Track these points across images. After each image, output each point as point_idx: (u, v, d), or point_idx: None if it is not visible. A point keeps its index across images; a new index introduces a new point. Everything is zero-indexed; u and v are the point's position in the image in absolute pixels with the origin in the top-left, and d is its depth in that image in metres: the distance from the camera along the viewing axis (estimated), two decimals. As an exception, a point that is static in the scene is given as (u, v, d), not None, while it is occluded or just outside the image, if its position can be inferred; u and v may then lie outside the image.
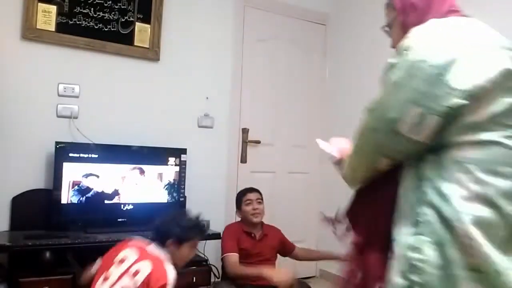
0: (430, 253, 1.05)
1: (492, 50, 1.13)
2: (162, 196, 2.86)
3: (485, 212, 1.03)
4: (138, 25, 2.99)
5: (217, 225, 3.13)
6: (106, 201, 2.69)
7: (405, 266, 1.07)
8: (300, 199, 3.64)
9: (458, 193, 1.05)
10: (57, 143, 2.58)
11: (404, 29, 1.20)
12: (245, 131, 3.46)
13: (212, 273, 2.86)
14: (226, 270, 2.58)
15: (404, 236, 1.10)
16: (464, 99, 1.04)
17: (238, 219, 2.85)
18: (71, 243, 2.39)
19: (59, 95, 2.77)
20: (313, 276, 3.69)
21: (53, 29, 2.72)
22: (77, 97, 2.82)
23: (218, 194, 3.30)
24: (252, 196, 2.72)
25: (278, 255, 2.78)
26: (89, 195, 2.63)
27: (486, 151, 1.06)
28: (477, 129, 1.07)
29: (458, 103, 1.04)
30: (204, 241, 2.99)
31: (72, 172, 2.59)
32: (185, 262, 2.00)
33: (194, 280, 2.70)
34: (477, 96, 1.05)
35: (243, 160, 3.45)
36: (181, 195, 2.93)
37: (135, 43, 2.98)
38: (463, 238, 1.03)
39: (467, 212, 1.03)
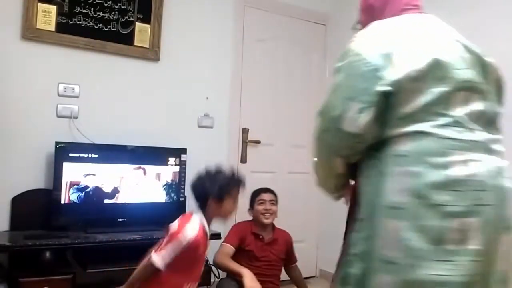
0: (360, 248, 1.15)
1: (427, 42, 1.19)
2: (162, 196, 2.86)
3: (413, 204, 1.08)
4: (138, 25, 2.99)
5: (217, 225, 3.13)
6: (106, 201, 2.69)
7: (345, 260, 1.19)
8: (300, 199, 3.64)
9: (391, 187, 1.11)
10: (57, 143, 2.58)
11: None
12: (245, 131, 3.46)
13: (212, 273, 2.85)
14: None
15: (350, 234, 1.21)
16: (391, 87, 1.11)
17: (239, 218, 2.85)
18: (71, 243, 2.39)
19: (59, 95, 2.77)
20: (313, 276, 3.70)
21: (53, 29, 2.72)
22: (77, 97, 2.82)
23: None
24: (266, 196, 2.71)
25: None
26: (89, 195, 2.63)
27: (418, 143, 1.11)
28: (409, 120, 1.13)
29: (386, 90, 1.12)
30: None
31: (72, 172, 2.59)
32: (231, 214, 2.04)
33: (194, 280, 2.70)
34: (407, 86, 1.12)
35: (243, 160, 3.45)
36: (181, 195, 2.93)
37: (135, 43, 2.98)
38: (388, 231, 1.09)
39: (395, 205, 1.09)
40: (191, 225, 1.84)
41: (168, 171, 2.89)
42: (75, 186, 2.60)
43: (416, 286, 1.06)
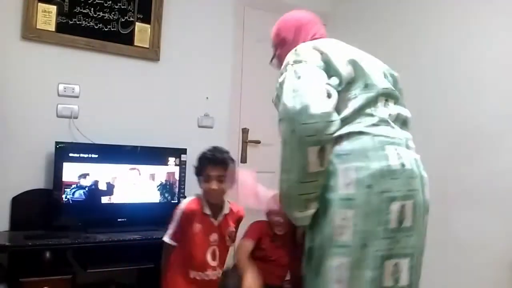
0: (317, 239, 1.32)
1: (350, 54, 1.43)
2: (162, 196, 2.86)
3: (361, 193, 1.25)
4: (138, 25, 2.99)
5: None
6: (106, 201, 2.69)
7: (307, 251, 1.36)
8: (300, 199, 3.64)
9: (340, 182, 1.27)
10: (57, 143, 2.58)
11: (282, 59, 1.49)
12: (245, 131, 3.46)
13: (212, 273, 2.85)
14: (236, 253, 2.48)
15: (307, 228, 1.37)
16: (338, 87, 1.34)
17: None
18: (71, 243, 2.39)
19: (59, 95, 2.77)
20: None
21: (53, 29, 2.72)
22: (77, 97, 2.81)
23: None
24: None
25: None
26: (89, 195, 2.63)
27: (357, 141, 1.30)
28: (345, 123, 1.31)
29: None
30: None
31: (72, 172, 2.59)
32: (210, 195, 2.01)
33: (194, 280, 2.70)
34: (343, 91, 1.34)
35: (243, 160, 3.45)
36: (181, 195, 2.92)
37: (135, 43, 2.98)
38: (341, 220, 1.26)
39: (346, 197, 1.26)
40: (185, 200, 2.04)
41: (168, 171, 2.89)
42: (75, 186, 2.60)
43: (366, 262, 1.25)
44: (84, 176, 2.62)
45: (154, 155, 2.86)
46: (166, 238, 2.01)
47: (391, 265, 1.27)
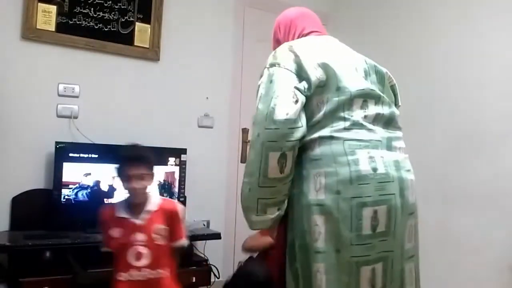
0: (297, 244, 1.30)
1: (325, 57, 1.37)
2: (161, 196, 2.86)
3: (331, 199, 1.24)
4: (138, 25, 2.99)
5: (217, 225, 3.14)
6: (106, 201, 2.69)
7: (288, 257, 1.34)
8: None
9: (311, 187, 1.27)
10: (57, 143, 2.58)
11: None
12: (245, 131, 3.45)
13: (212, 273, 2.85)
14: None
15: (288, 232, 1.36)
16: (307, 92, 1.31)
17: (240, 218, 2.84)
18: (71, 243, 2.39)
19: (59, 95, 2.77)
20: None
21: (53, 29, 2.72)
22: (77, 97, 2.81)
23: (218, 194, 3.30)
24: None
25: None
26: (89, 195, 2.63)
27: (327, 146, 1.28)
28: (316, 127, 1.30)
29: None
30: (204, 241, 3.00)
31: (72, 172, 2.59)
32: (131, 195, 1.92)
33: (194, 280, 2.70)
34: (314, 94, 1.31)
35: (243, 160, 3.44)
36: (181, 195, 2.93)
37: (135, 43, 2.98)
38: (315, 226, 1.25)
39: (317, 203, 1.25)
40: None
41: (167, 171, 2.89)
42: (78, 186, 2.60)
43: (342, 268, 1.24)
44: (84, 176, 2.63)
45: (154, 155, 2.85)
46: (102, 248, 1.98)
47: (368, 271, 1.25)
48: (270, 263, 1.51)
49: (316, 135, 1.30)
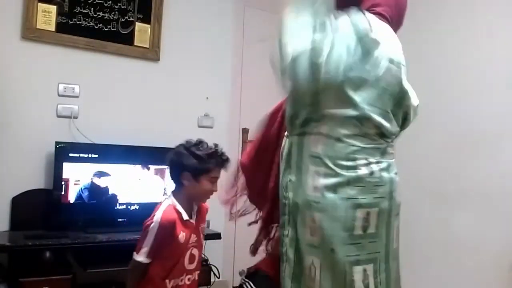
0: (288, 230, 1.35)
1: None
2: (161, 196, 2.86)
3: (328, 198, 1.26)
4: (138, 25, 2.99)
5: (217, 225, 3.13)
6: (106, 201, 2.69)
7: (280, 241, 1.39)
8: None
9: (310, 184, 1.30)
10: (57, 143, 2.58)
11: None
12: (245, 131, 3.45)
13: (212, 273, 2.86)
14: None
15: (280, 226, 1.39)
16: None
17: (240, 218, 2.83)
18: (71, 243, 2.39)
19: (59, 95, 2.77)
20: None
21: (53, 29, 2.72)
22: (77, 97, 2.81)
23: (218, 194, 3.29)
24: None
25: None
26: (89, 195, 2.63)
27: (330, 147, 1.29)
28: (326, 122, 1.30)
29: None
30: (204, 241, 2.99)
31: (72, 172, 2.59)
32: (206, 197, 1.85)
33: (194, 280, 2.70)
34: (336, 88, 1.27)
35: (243, 160, 3.45)
36: (181, 195, 2.92)
37: (135, 43, 2.98)
38: (311, 221, 1.28)
39: (315, 199, 1.28)
40: (160, 209, 1.74)
41: (167, 171, 2.88)
42: (75, 186, 2.60)
43: (336, 266, 1.26)
44: (84, 176, 2.63)
45: (154, 155, 2.86)
46: (141, 258, 1.69)
47: (360, 271, 1.28)
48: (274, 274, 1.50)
49: (321, 130, 1.31)
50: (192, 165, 1.74)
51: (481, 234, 2.61)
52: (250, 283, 1.62)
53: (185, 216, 1.76)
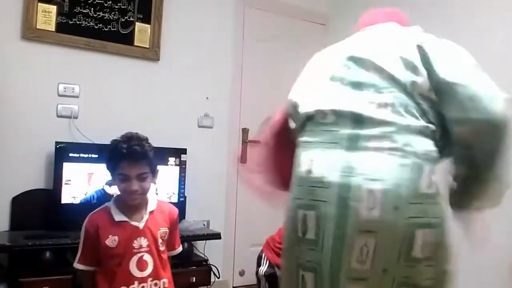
0: None
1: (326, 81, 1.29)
2: (161, 196, 2.86)
3: (288, 198, 1.27)
4: (138, 25, 2.99)
5: (217, 225, 3.14)
6: (105, 201, 2.68)
7: None
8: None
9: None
10: (57, 143, 2.58)
11: None
12: (245, 131, 3.46)
13: (212, 273, 2.86)
14: None
15: None
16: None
17: (240, 218, 2.83)
18: (71, 243, 2.38)
19: (59, 95, 2.77)
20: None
21: (53, 29, 2.72)
22: (77, 97, 2.81)
23: (218, 194, 3.30)
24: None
25: None
26: (89, 195, 2.63)
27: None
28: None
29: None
30: (204, 241, 3.00)
31: (72, 172, 2.59)
32: (128, 197, 1.66)
33: (194, 280, 2.70)
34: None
35: (243, 160, 3.44)
36: (181, 195, 2.92)
37: (135, 43, 2.98)
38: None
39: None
40: (91, 213, 1.69)
41: (170, 171, 2.89)
42: (76, 187, 2.60)
43: (290, 268, 1.23)
44: (84, 176, 2.62)
45: (154, 155, 2.86)
46: (76, 264, 1.65)
47: (300, 275, 1.19)
48: None
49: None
50: (106, 165, 1.69)
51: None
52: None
53: (118, 218, 1.65)
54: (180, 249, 1.87)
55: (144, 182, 1.67)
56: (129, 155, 1.63)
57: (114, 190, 2.65)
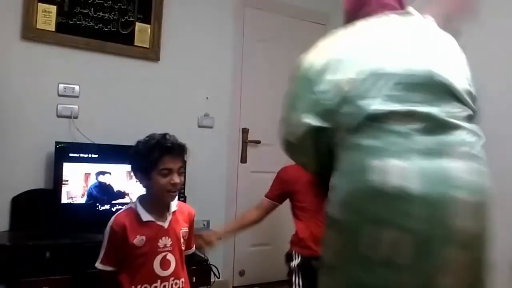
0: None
1: (369, 49, 1.16)
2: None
3: None
4: (138, 25, 2.99)
5: (217, 225, 3.13)
6: (106, 201, 2.69)
7: None
8: (300, 199, 3.64)
9: None
10: (57, 143, 2.58)
11: None
12: (245, 131, 3.46)
13: (212, 273, 2.85)
14: None
15: None
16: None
17: (239, 212, 2.83)
18: (71, 243, 2.39)
19: (59, 95, 2.77)
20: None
21: (53, 29, 2.72)
22: (77, 97, 2.82)
23: (218, 194, 3.30)
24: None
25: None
26: (89, 195, 2.63)
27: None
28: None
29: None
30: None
31: (72, 172, 2.59)
32: (166, 193, 1.69)
33: (194, 280, 2.70)
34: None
35: (243, 160, 3.45)
36: (181, 195, 2.92)
37: (135, 43, 2.98)
38: None
39: None
40: (116, 214, 1.71)
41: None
42: (76, 187, 2.60)
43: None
44: (84, 176, 2.62)
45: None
46: (98, 264, 1.68)
47: None
48: None
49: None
50: (138, 164, 1.71)
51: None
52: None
53: (145, 218, 1.68)
54: (194, 248, 1.94)
55: (181, 177, 1.74)
56: (173, 149, 1.71)
57: (108, 180, 2.66)
